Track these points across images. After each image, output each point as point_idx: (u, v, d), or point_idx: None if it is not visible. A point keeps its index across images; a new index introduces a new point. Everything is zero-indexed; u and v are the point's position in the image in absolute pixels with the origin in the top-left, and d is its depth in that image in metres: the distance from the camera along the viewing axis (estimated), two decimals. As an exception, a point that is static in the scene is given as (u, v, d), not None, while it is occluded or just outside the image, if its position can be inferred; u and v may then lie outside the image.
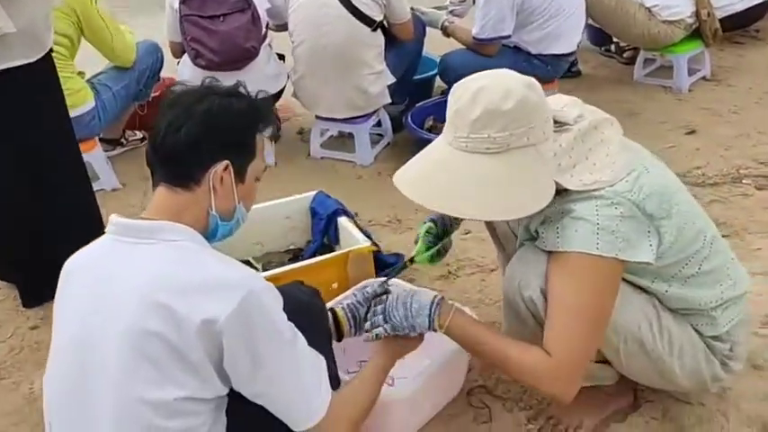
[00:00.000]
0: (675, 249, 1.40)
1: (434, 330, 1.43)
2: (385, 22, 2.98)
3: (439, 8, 3.52)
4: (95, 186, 2.95)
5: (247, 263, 2.14)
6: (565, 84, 3.77)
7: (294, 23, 2.93)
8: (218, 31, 2.81)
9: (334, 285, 1.75)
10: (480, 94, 1.32)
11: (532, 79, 1.39)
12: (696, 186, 2.74)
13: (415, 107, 3.21)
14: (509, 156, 1.31)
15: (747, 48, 4.14)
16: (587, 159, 1.36)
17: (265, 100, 1.33)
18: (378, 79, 2.96)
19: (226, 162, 1.22)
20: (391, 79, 3.03)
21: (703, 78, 3.76)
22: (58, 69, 2.78)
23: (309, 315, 1.36)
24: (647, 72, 3.81)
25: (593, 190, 1.33)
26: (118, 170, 3.12)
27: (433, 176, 1.36)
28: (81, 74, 2.96)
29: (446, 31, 3.36)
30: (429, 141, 1.47)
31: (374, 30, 2.88)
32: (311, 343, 1.24)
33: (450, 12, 3.50)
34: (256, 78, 2.91)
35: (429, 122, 3.16)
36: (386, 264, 2.25)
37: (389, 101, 3.08)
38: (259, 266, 2.11)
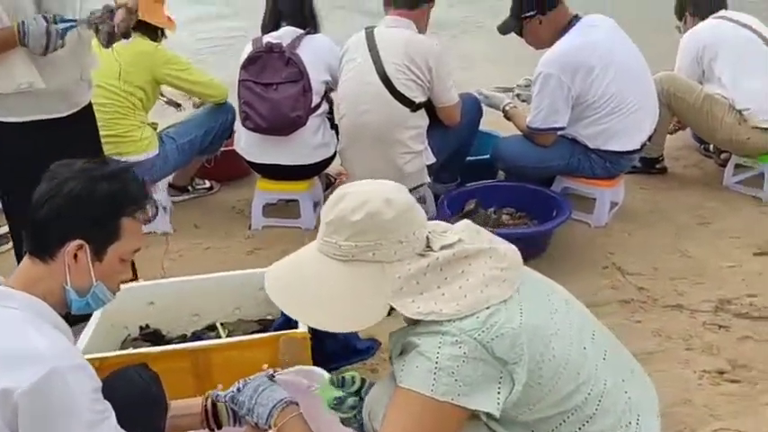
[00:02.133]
0: (546, 402, 1.26)
1: (269, 427, 1.41)
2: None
3: (505, 90, 3.47)
4: (146, 229, 3.24)
5: (214, 326, 2.21)
6: (648, 181, 3.57)
7: (339, 97, 3.03)
8: (269, 98, 2.98)
9: (265, 366, 1.77)
10: (343, 199, 1.31)
11: (402, 196, 1.34)
12: (736, 317, 2.44)
13: (456, 189, 3.17)
14: (352, 266, 1.28)
15: None
16: (438, 288, 1.28)
17: (140, 184, 1.41)
18: (415, 158, 2.96)
19: (80, 241, 1.31)
20: (432, 160, 3.02)
21: (805, 193, 3.34)
22: (127, 118, 3.09)
23: (140, 402, 1.39)
24: (738, 179, 3.45)
25: (437, 322, 1.24)
26: (179, 215, 3.38)
27: (289, 272, 1.36)
28: (154, 125, 3.26)
29: (506, 115, 3.30)
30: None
31: (414, 111, 2.90)
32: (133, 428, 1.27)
33: (517, 95, 3.44)
34: (302, 146, 3.09)
35: (470, 205, 3.09)
36: (355, 350, 2.22)
37: (428, 180, 3.06)
38: (224, 333, 2.17)
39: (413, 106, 2.88)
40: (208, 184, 3.63)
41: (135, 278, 2.37)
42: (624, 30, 3.08)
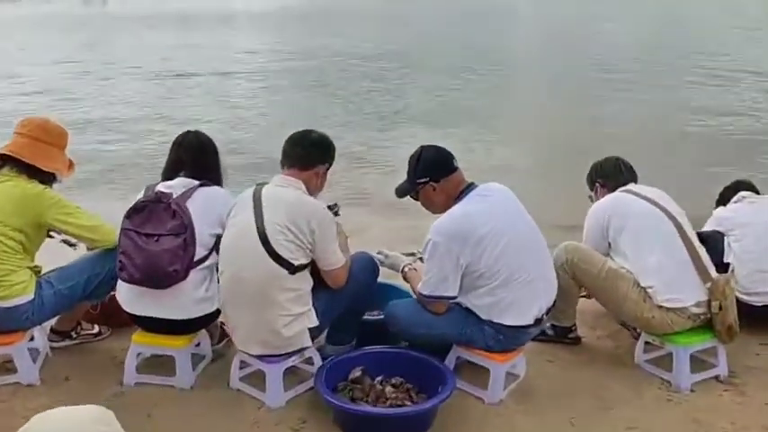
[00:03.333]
0: None
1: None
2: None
3: (411, 254, 3.38)
4: (11, 379, 3.04)
5: None
6: (558, 352, 3.43)
7: (221, 250, 2.92)
8: (147, 249, 2.87)
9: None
10: None
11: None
12: None
13: (341, 355, 2.99)
14: None
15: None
16: None
17: None
18: (294, 321, 2.81)
19: None
20: (315, 322, 2.87)
21: (716, 378, 3.15)
22: (1, 262, 2.95)
23: None
24: (649, 358, 3.28)
25: None
26: (55, 363, 3.17)
27: None
28: (36, 268, 3.12)
29: (405, 277, 3.19)
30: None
31: (293, 272, 2.78)
32: None
33: (420, 258, 3.34)
34: (181, 300, 2.94)
35: (356, 373, 2.90)
36: None
37: (309, 344, 2.89)
38: None
39: (292, 268, 2.77)
40: (96, 329, 3.44)
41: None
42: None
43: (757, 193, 3.80)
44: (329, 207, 3.30)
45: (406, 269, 3.18)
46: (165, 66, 14.60)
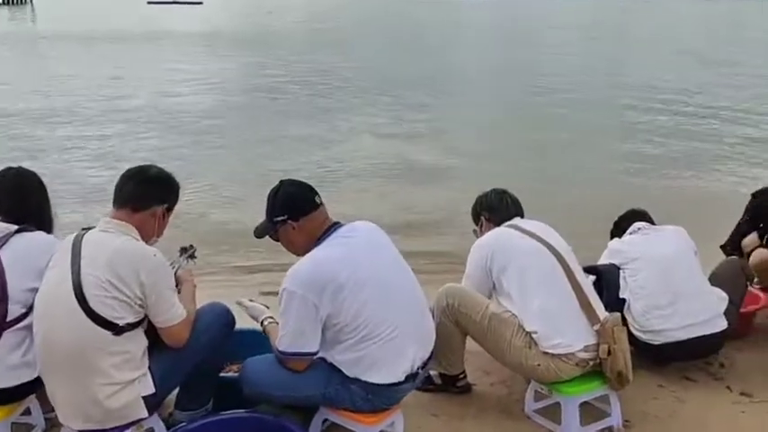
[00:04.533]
0: None
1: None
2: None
3: None
4: None
5: None
6: (443, 404, 3.18)
7: (34, 308, 2.48)
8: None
9: None
10: None
11: None
12: None
13: (189, 422, 2.59)
14: None
15: (695, 390, 3.25)
16: None
17: None
18: (122, 391, 2.39)
19: None
20: (150, 390, 2.46)
21: (609, 430, 2.89)
22: None
23: None
24: (538, 407, 3.00)
25: None
26: None
27: None
28: None
29: (264, 330, 2.82)
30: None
31: (118, 334, 2.37)
32: None
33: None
34: (-8, 365, 2.48)
35: (201, 446, 2.51)
36: None
37: (145, 415, 2.48)
38: None
39: (116, 329, 2.36)
40: None
41: None
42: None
43: (652, 223, 3.62)
44: (183, 249, 2.93)
45: (266, 322, 2.81)
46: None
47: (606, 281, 3.46)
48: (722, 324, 3.29)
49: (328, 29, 27.41)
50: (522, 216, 3.18)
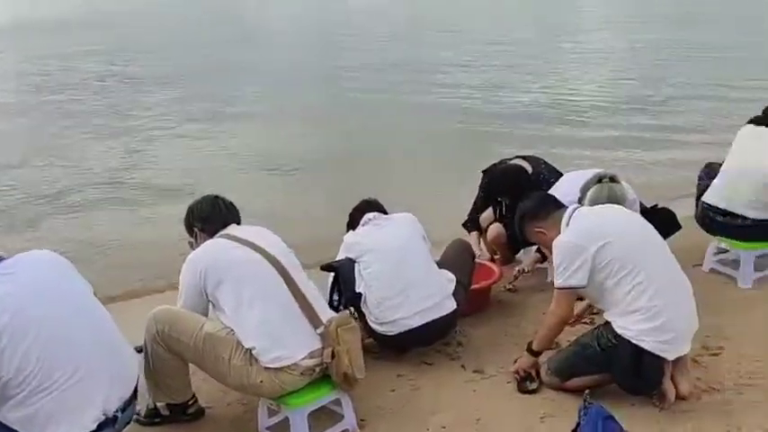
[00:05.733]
0: None
1: None
2: None
3: None
4: None
5: None
6: (183, 429, 2.81)
7: None
8: None
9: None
10: None
11: None
12: None
13: None
14: None
15: (431, 373, 3.30)
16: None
17: None
18: None
19: None
20: None
21: (343, 434, 2.83)
22: None
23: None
24: (272, 423, 2.84)
25: None
26: None
27: None
28: None
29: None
30: None
31: None
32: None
33: None
34: None
35: None
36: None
37: None
38: None
39: None
40: None
41: None
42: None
43: (384, 212, 3.60)
44: None
45: None
46: None
47: (342, 276, 3.40)
48: (451, 305, 3.36)
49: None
50: (238, 222, 2.97)
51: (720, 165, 4.11)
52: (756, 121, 4.14)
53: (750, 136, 4.07)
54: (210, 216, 2.94)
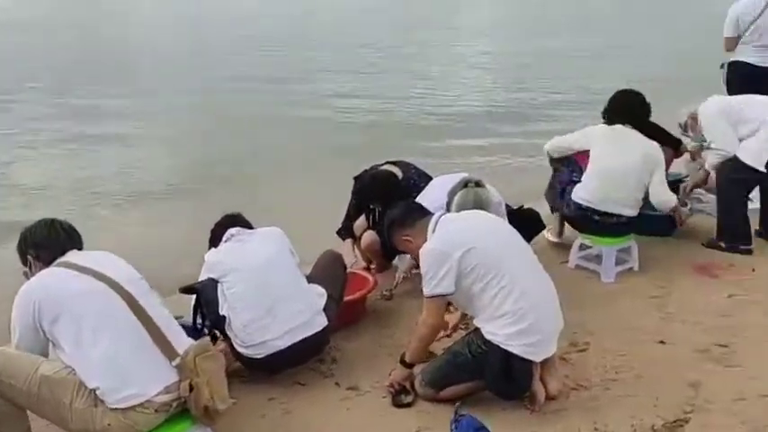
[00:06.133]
0: None
1: None
2: None
3: None
4: None
5: None
6: None
7: None
8: None
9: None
10: None
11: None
12: None
13: None
14: None
15: (304, 394, 3.15)
16: None
17: None
18: None
19: None
20: None
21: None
22: None
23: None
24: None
25: None
26: None
27: None
28: None
29: None
30: None
31: None
32: None
33: None
34: None
35: None
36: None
37: None
38: None
39: None
40: None
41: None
42: None
43: (248, 226, 3.42)
44: None
45: None
46: None
47: (205, 298, 3.19)
48: (322, 322, 3.22)
49: None
50: (80, 248, 2.69)
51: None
52: (609, 119, 4.32)
53: (607, 137, 4.22)
54: (46, 242, 2.64)
